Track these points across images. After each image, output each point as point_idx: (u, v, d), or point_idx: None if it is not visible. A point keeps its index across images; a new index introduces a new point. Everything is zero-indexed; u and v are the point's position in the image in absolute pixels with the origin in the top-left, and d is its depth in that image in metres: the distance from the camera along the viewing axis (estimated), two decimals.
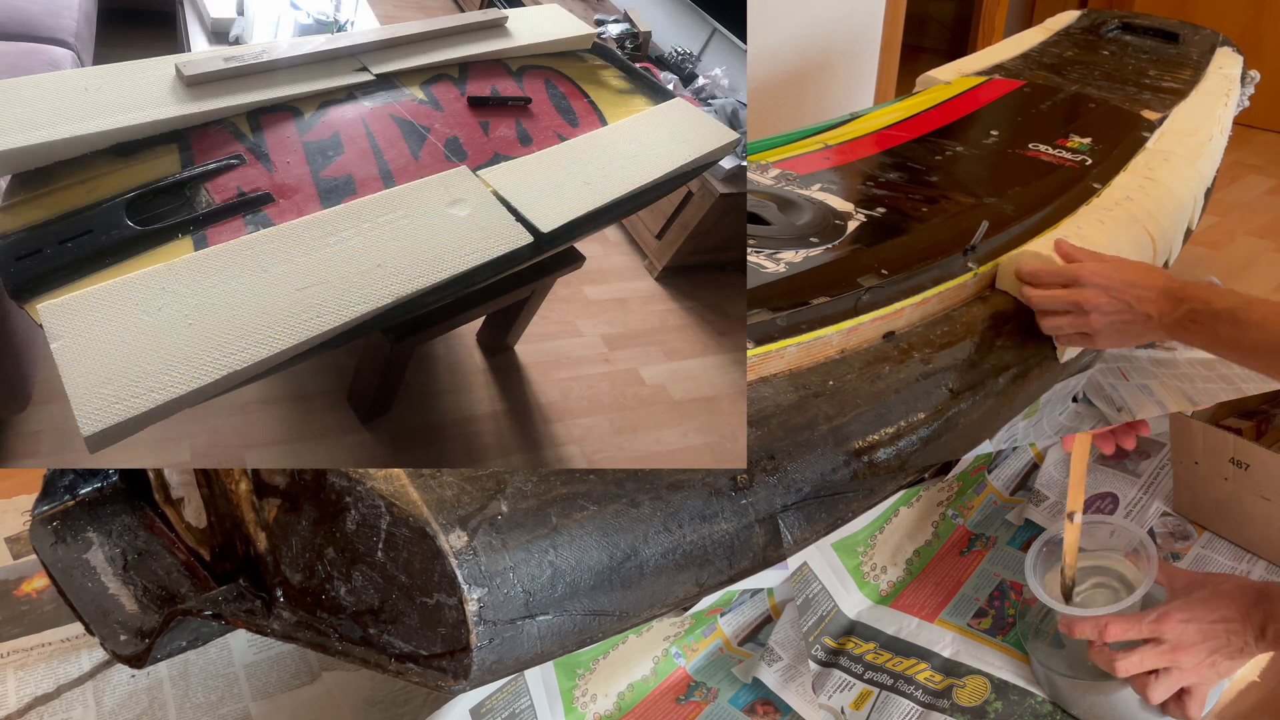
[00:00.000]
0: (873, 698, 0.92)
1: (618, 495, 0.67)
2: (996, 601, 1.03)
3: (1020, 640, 0.97)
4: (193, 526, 0.78)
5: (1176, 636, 0.82)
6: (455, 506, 0.62)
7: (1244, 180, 2.30)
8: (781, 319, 0.87)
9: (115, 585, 0.76)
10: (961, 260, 1.01)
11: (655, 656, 0.93)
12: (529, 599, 0.63)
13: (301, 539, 0.63)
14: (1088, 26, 1.91)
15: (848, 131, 1.39)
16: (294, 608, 0.64)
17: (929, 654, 0.97)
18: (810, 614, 1.00)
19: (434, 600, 0.61)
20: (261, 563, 0.65)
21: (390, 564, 0.61)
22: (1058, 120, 1.43)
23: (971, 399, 0.90)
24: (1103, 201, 1.15)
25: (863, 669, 0.96)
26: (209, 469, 0.72)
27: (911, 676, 0.94)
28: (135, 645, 0.70)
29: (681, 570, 0.70)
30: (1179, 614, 0.82)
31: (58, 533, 0.81)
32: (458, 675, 0.62)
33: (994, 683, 0.93)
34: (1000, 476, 1.20)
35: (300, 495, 0.63)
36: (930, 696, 0.92)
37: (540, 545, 0.63)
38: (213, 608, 0.65)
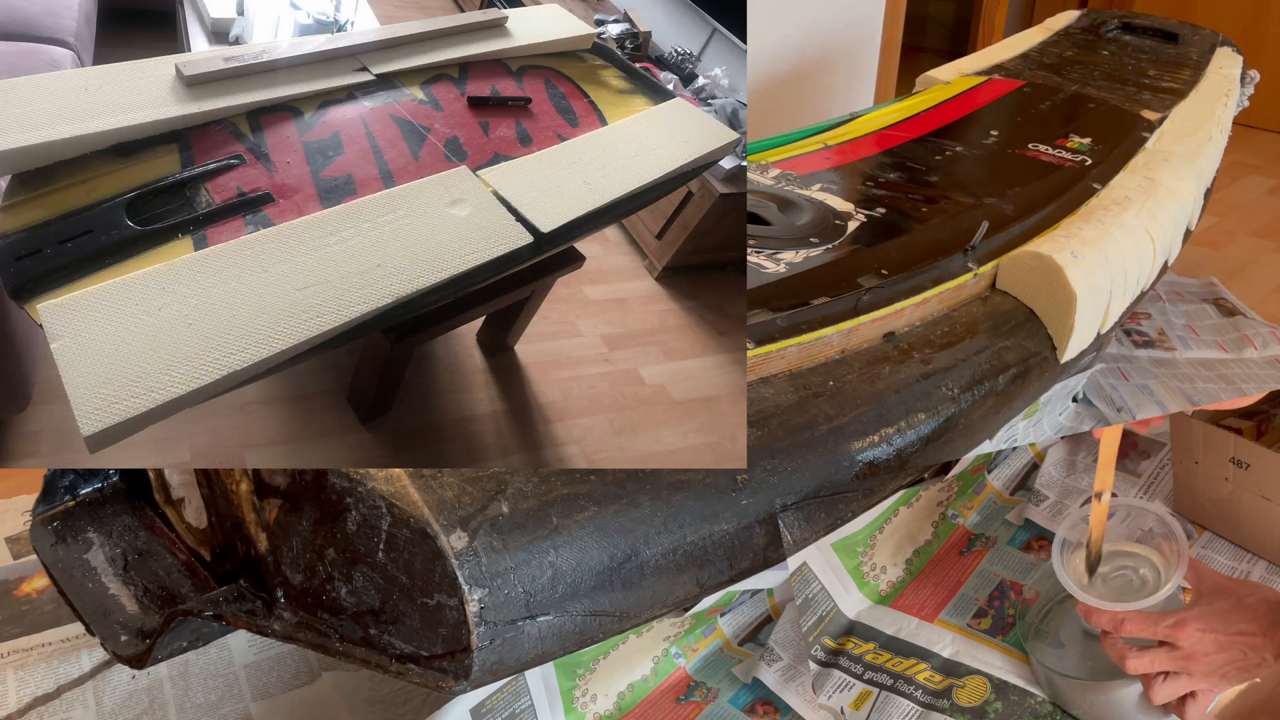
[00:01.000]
0: (872, 698, 0.92)
1: (618, 496, 0.67)
2: (996, 601, 1.03)
3: (1020, 640, 0.97)
4: (193, 527, 0.78)
5: (1191, 645, 0.81)
6: (456, 507, 0.62)
7: (1244, 180, 2.30)
8: (781, 319, 0.87)
9: (115, 585, 0.76)
10: (961, 260, 1.01)
11: (655, 656, 0.93)
12: (530, 599, 0.63)
13: (302, 539, 0.63)
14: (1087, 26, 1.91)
15: (848, 131, 1.39)
16: (295, 608, 0.64)
17: (929, 654, 0.97)
18: (810, 614, 1.00)
19: (435, 601, 0.61)
20: (262, 563, 0.65)
21: (391, 565, 0.61)
22: (1057, 120, 1.43)
23: (971, 399, 0.90)
24: (1102, 201, 1.15)
25: (862, 669, 0.96)
26: (209, 469, 0.72)
27: (911, 677, 0.94)
28: (136, 645, 0.70)
29: (682, 571, 0.70)
30: (1198, 623, 0.81)
31: (58, 533, 0.81)
32: (458, 676, 0.62)
33: (994, 683, 0.93)
34: (1000, 476, 1.20)
35: (301, 496, 0.63)
36: (930, 697, 0.92)
37: (541, 546, 0.63)
38: (213, 608, 0.65)
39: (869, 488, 0.82)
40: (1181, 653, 0.81)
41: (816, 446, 0.79)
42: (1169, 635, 0.82)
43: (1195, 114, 1.47)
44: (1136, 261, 1.07)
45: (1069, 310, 0.96)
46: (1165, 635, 0.82)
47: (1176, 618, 0.82)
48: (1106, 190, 1.19)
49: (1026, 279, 0.99)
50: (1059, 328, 0.98)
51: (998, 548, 1.11)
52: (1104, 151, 1.30)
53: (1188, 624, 0.81)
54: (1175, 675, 0.82)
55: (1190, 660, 0.81)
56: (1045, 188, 1.19)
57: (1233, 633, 0.81)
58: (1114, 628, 0.84)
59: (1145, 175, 1.23)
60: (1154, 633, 0.82)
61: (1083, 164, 1.26)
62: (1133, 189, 1.18)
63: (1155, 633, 0.82)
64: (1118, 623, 0.83)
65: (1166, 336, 1.54)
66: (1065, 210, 1.13)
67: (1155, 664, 0.82)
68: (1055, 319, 0.98)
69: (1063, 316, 0.97)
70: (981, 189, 1.19)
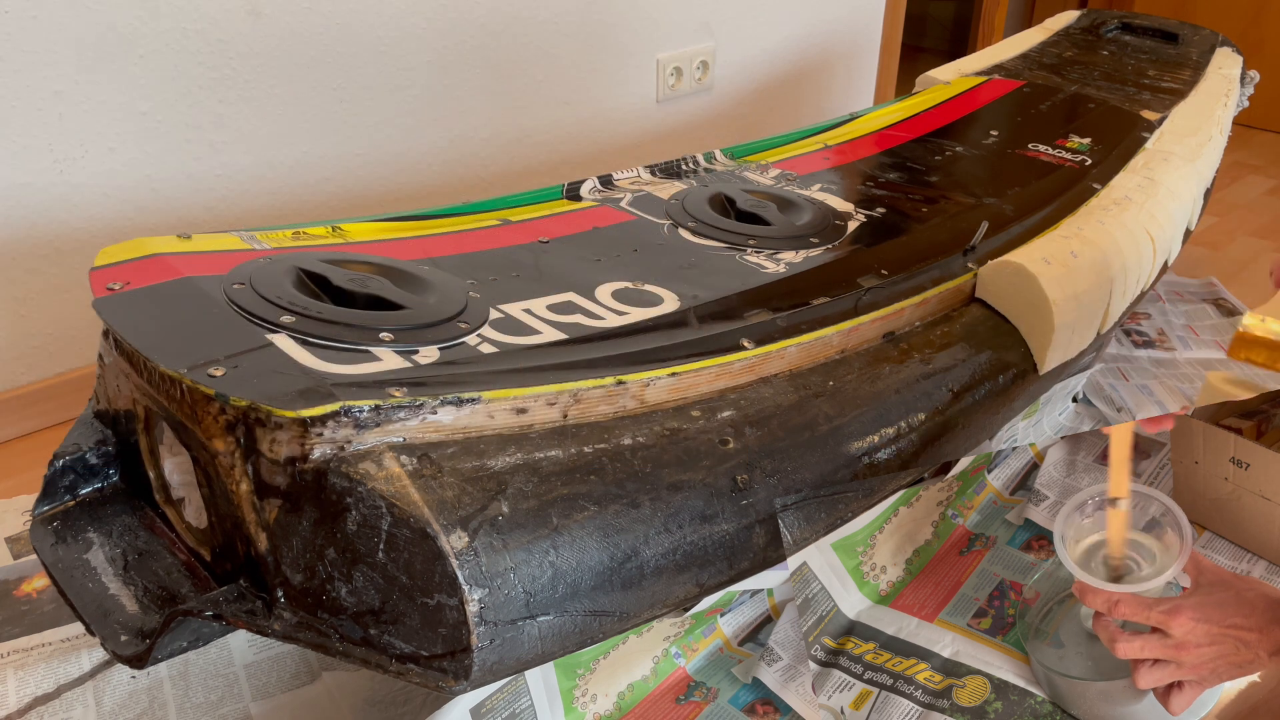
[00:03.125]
0: (872, 698, 0.92)
1: (618, 496, 0.67)
2: (996, 601, 1.03)
3: (1020, 640, 0.97)
4: (193, 527, 0.78)
5: (1183, 634, 0.80)
6: (456, 507, 0.62)
7: (1244, 180, 2.30)
8: (781, 319, 0.87)
9: (115, 585, 0.76)
10: (961, 260, 1.01)
11: (655, 656, 0.93)
12: (530, 600, 0.63)
13: (302, 539, 0.63)
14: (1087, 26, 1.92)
15: (848, 131, 1.39)
16: (295, 608, 0.64)
17: (929, 654, 0.97)
18: (810, 614, 1.00)
19: (435, 601, 0.61)
20: (262, 563, 0.65)
21: (391, 565, 0.61)
22: (1057, 120, 1.44)
23: (971, 399, 0.90)
24: (1102, 201, 1.15)
25: (862, 669, 0.96)
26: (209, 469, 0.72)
27: (911, 676, 0.94)
28: (136, 645, 0.70)
29: (682, 571, 0.70)
30: (1191, 612, 0.81)
31: (58, 533, 0.81)
32: (458, 676, 0.62)
33: (994, 683, 0.93)
34: (1000, 476, 1.21)
35: (301, 496, 0.63)
36: (930, 696, 0.92)
37: (541, 546, 0.63)
38: (213, 608, 0.65)
39: (869, 488, 0.82)
40: (1172, 641, 0.81)
41: (816, 446, 0.79)
42: (1160, 621, 0.81)
43: (1195, 114, 1.47)
44: (1136, 261, 1.07)
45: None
46: (1157, 621, 0.81)
47: (1171, 604, 0.81)
48: (1106, 190, 1.19)
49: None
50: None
51: (998, 548, 1.11)
52: (1104, 151, 1.30)
53: (1181, 612, 0.81)
54: (1164, 664, 0.81)
55: (1180, 649, 0.80)
56: (1045, 188, 1.19)
57: (1227, 625, 0.80)
58: (1108, 609, 0.83)
59: (1145, 175, 1.23)
60: (1146, 617, 0.81)
61: (1083, 164, 1.26)
62: (1133, 189, 1.18)
63: (1148, 618, 0.81)
64: (1112, 604, 0.83)
65: (1166, 336, 1.54)
66: (1065, 210, 1.13)
67: (1145, 650, 0.81)
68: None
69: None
70: (981, 189, 1.19)
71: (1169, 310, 1.62)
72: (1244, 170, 2.36)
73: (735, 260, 0.98)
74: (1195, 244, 1.91)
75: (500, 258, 0.94)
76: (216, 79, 1.34)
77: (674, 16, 1.88)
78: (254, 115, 1.39)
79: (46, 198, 1.26)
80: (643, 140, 1.93)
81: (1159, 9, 2.78)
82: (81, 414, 0.86)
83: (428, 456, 0.64)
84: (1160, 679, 0.82)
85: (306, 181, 1.48)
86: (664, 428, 0.73)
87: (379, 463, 0.62)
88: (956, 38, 3.30)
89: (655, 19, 1.85)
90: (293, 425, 0.62)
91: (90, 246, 1.31)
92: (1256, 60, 2.55)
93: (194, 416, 0.67)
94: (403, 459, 0.63)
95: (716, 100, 2.03)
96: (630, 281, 0.92)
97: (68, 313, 1.33)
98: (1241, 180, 2.30)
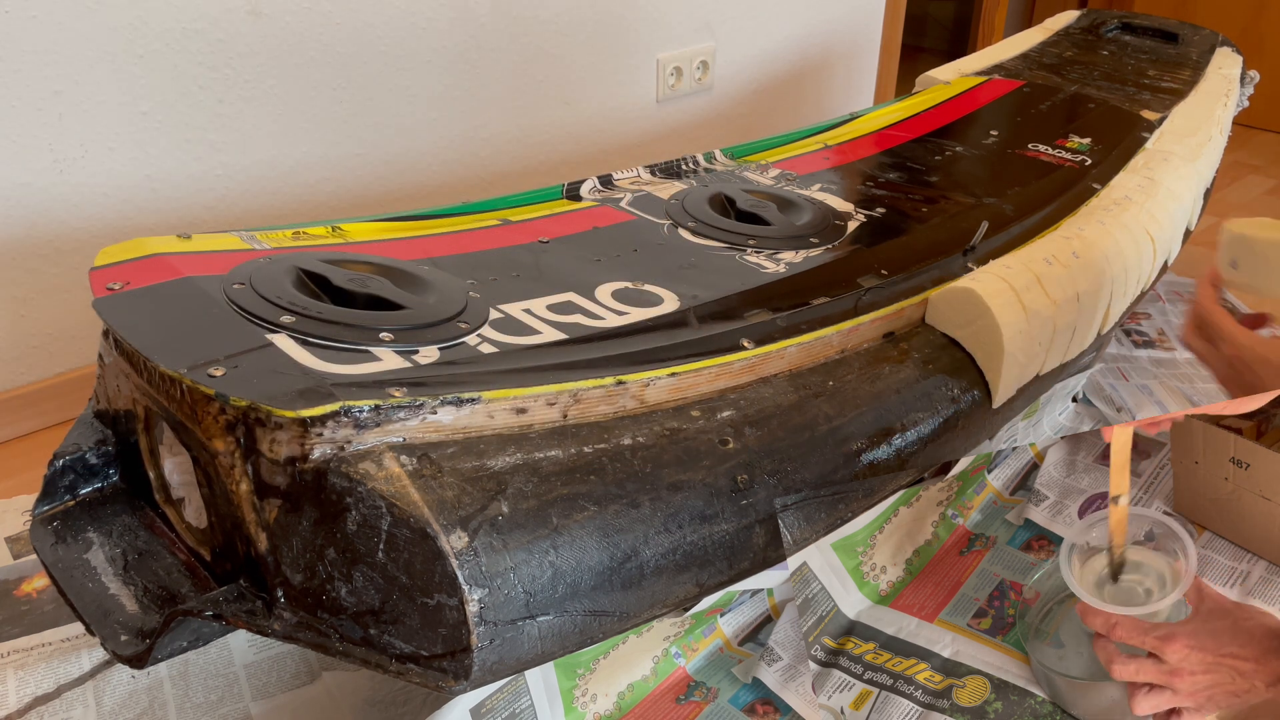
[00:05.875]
0: (872, 698, 0.92)
1: (618, 496, 0.67)
2: (996, 601, 1.03)
3: (1020, 640, 0.97)
4: (193, 527, 0.78)
5: (1178, 661, 0.80)
6: (456, 507, 0.62)
7: (1244, 180, 2.30)
8: (781, 319, 0.87)
9: (115, 585, 0.76)
10: (961, 260, 1.01)
11: (655, 656, 0.93)
12: (530, 600, 0.63)
13: (302, 539, 0.63)
14: (1087, 26, 1.92)
15: (848, 131, 1.39)
16: (295, 608, 0.64)
17: (929, 654, 0.97)
18: (810, 614, 1.00)
19: (435, 601, 0.61)
20: (262, 563, 0.65)
21: (391, 565, 0.61)
22: (1057, 120, 1.44)
23: (970, 399, 0.90)
24: (1102, 201, 1.15)
25: (862, 669, 0.96)
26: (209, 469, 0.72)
27: (911, 676, 0.94)
28: (136, 645, 0.70)
29: (682, 571, 0.70)
30: (1187, 639, 0.80)
31: (58, 533, 0.81)
32: (458, 676, 0.62)
33: (994, 683, 0.93)
34: (1000, 476, 1.21)
35: (301, 496, 0.63)
36: (930, 696, 0.92)
37: (541, 546, 0.63)
38: (213, 608, 0.65)
39: (869, 488, 0.82)
40: (1167, 667, 0.80)
41: (816, 446, 0.79)
42: (1156, 647, 0.81)
43: (1195, 114, 1.47)
44: (1136, 261, 1.07)
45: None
46: (1152, 646, 0.81)
47: (1167, 630, 0.81)
48: (1106, 190, 1.19)
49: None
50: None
51: (998, 548, 1.11)
52: (1104, 151, 1.30)
53: (1176, 639, 0.80)
54: (1160, 689, 0.81)
55: (1175, 676, 0.80)
56: (1045, 187, 1.19)
57: (1222, 654, 0.79)
58: (1107, 630, 0.84)
59: (1145, 175, 1.23)
60: (1143, 642, 0.82)
61: (1083, 164, 1.26)
62: (1133, 189, 1.18)
63: (1144, 642, 0.81)
64: (1110, 625, 0.83)
65: (1166, 336, 1.54)
66: (1065, 210, 1.13)
67: (1140, 673, 0.81)
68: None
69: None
70: (981, 189, 1.19)
71: (1169, 310, 1.62)
72: (1244, 170, 2.36)
73: (735, 260, 0.98)
74: (1195, 244, 1.90)
75: (500, 258, 0.94)
76: (216, 79, 1.34)
77: (674, 16, 1.88)
78: (254, 115, 1.39)
79: (46, 198, 1.26)
80: (643, 140, 1.93)
81: (1159, 9, 2.78)
82: (81, 414, 0.86)
83: (428, 456, 0.64)
84: (1156, 705, 0.82)
85: (306, 181, 1.48)
86: (664, 428, 0.73)
87: (379, 463, 0.62)
88: (956, 38, 3.30)
89: (655, 19, 1.85)
90: (293, 425, 0.62)
91: (90, 246, 1.31)
92: (1256, 60, 2.55)
93: (194, 416, 0.67)
94: (403, 459, 0.63)
95: (716, 100, 2.03)
96: (630, 281, 0.92)
97: (68, 313, 1.33)
98: (1241, 180, 2.30)
